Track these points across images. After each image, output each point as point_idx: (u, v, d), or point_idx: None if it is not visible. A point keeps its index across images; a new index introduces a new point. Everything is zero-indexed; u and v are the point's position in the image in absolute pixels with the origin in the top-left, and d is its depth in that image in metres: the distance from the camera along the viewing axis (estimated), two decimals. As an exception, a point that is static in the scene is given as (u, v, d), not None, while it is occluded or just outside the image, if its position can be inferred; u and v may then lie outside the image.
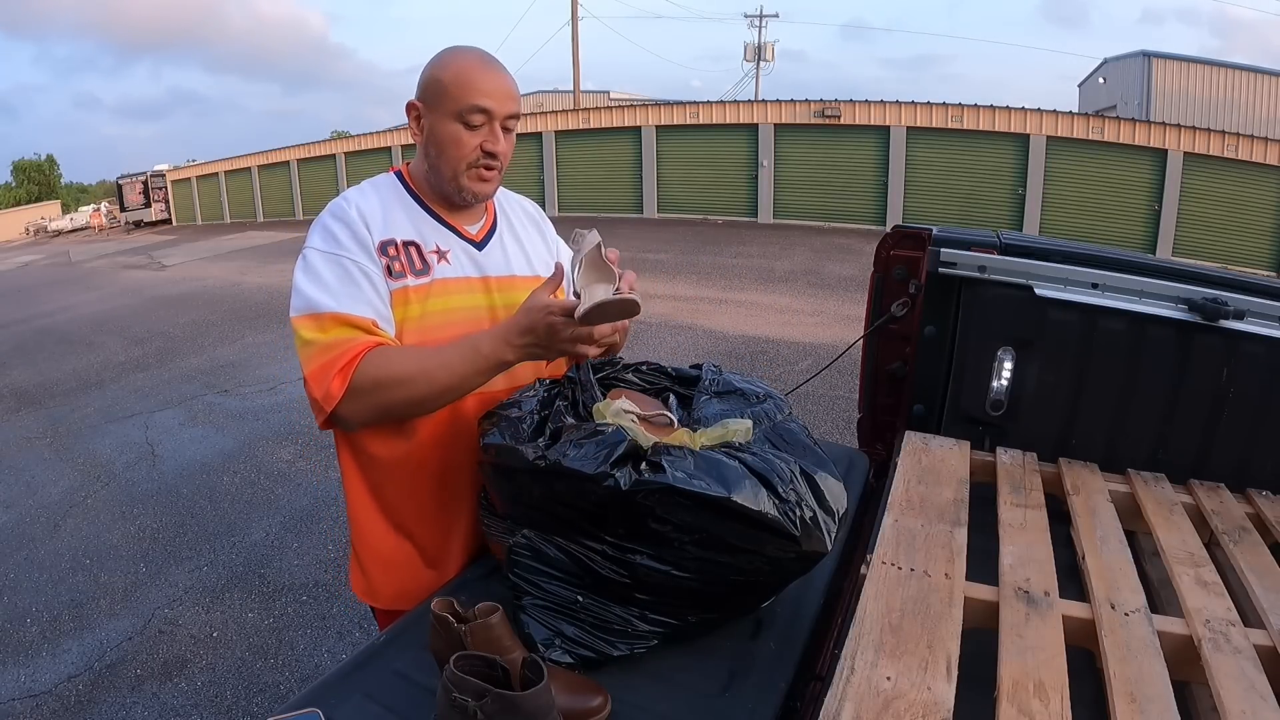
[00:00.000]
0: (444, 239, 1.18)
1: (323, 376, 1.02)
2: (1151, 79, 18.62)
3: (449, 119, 1.11)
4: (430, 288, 1.14)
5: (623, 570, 0.94)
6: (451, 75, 1.10)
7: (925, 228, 1.72)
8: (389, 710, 0.87)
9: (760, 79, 26.54)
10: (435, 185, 1.17)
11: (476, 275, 1.19)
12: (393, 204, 1.17)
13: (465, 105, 1.10)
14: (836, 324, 6.91)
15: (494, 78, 1.12)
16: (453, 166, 1.13)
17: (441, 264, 1.16)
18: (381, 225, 1.13)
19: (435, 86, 1.11)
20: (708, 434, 0.99)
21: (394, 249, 1.13)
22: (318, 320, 1.05)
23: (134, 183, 24.89)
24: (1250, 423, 1.49)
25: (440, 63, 1.13)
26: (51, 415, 5.49)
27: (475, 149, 1.12)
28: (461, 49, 1.15)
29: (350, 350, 1.03)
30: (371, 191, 1.18)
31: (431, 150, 1.14)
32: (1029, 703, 0.83)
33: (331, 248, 1.10)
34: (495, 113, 1.12)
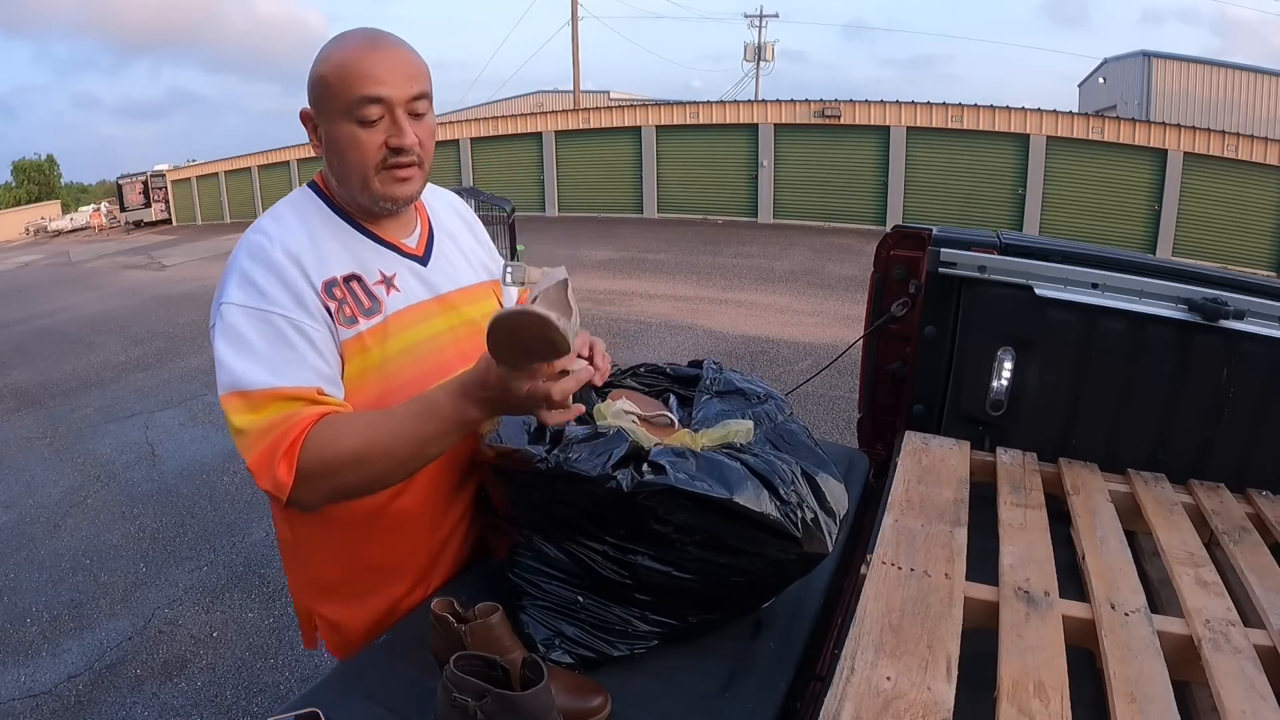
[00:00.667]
0: (386, 262, 1.02)
1: (267, 465, 0.86)
2: (1151, 79, 18.61)
3: (341, 120, 0.94)
4: (386, 326, 0.99)
5: (623, 571, 0.94)
6: (333, 69, 0.93)
7: (925, 228, 1.72)
8: (389, 710, 0.87)
9: (760, 79, 26.55)
10: (348, 197, 1.00)
11: (430, 297, 1.05)
12: (320, 229, 0.99)
13: (353, 99, 0.92)
14: (836, 324, 6.91)
15: (383, 58, 0.93)
16: (359, 174, 0.96)
17: (392, 294, 1.00)
18: (316, 261, 0.96)
19: (319, 86, 0.94)
20: (709, 434, 0.99)
21: (339, 289, 0.96)
22: (248, 399, 0.88)
23: (134, 183, 24.89)
24: (1250, 423, 1.49)
25: (322, 58, 0.95)
26: (51, 415, 5.49)
27: (379, 148, 0.95)
28: (344, 35, 0.97)
29: (291, 429, 0.86)
30: (292, 217, 0.99)
31: (333, 160, 0.97)
32: (1029, 703, 0.83)
33: (254, 301, 0.91)
34: (393, 100, 0.93)
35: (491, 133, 17.96)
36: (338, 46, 0.95)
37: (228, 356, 0.89)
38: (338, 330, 0.95)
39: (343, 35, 0.97)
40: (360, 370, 0.97)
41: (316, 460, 0.86)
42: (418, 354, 1.02)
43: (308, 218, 1.00)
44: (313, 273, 0.95)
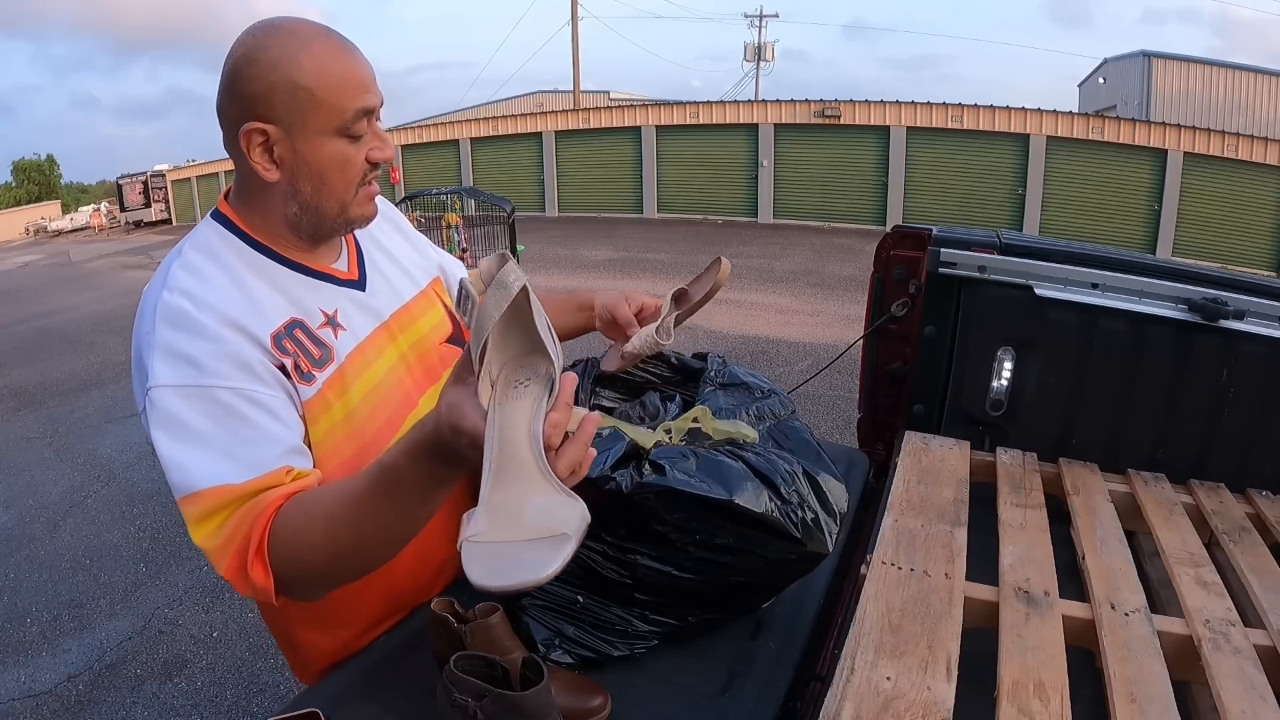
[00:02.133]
0: (324, 298, 0.89)
1: (241, 576, 0.74)
2: (1151, 79, 18.62)
3: (328, 137, 0.81)
4: (343, 374, 0.87)
5: (623, 571, 0.94)
6: (315, 75, 0.78)
7: (925, 228, 1.72)
8: (389, 710, 0.87)
9: (760, 79, 26.56)
10: (307, 227, 0.86)
11: (376, 325, 0.93)
12: (244, 273, 0.84)
13: (350, 114, 0.80)
14: (836, 324, 6.91)
15: (361, 61, 0.83)
16: (340, 197, 0.84)
17: (340, 335, 0.89)
18: (251, 313, 0.81)
19: (295, 97, 0.78)
20: (718, 424, 0.99)
21: (288, 342, 0.83)
22: (203, 501, 0.74)
23: (134, 183, 24.87)
24: (1250, 423, 1.49)
25: (288, 60, 0.78)
26: (51, 415, 5.49)
27: (362, 165, 0.84)
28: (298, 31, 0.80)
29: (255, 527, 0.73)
30: (208, 265, 0.82)
31: (304, 185, 0.83)
32: (1029, 703, 0.83)
33: (189, 378, 0.76)
34: (376, 105, 0.84)
35: (491, 133, 17.97)
36: (305, 48, 0.79)
37: (173, 453, 0.75)
38: (299, 389, 0.82)
39: (290, 31, 0.80)
40: (327, 431, 0.85)
41: (286, 557, 0.73)
42: (381, 395, 0.91)
43: (225, 262, 0.84)
44: (254, 329, 0.80)
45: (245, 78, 0.79)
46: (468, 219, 9.02)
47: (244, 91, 0.79)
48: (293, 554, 0.73)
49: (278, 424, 0.79)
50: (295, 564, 0.73)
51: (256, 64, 0.78)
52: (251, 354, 0.79)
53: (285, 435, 0.79)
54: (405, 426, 0.93)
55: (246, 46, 0.79)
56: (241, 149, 0.80)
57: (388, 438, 0.89)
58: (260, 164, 0.81)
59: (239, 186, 0.87)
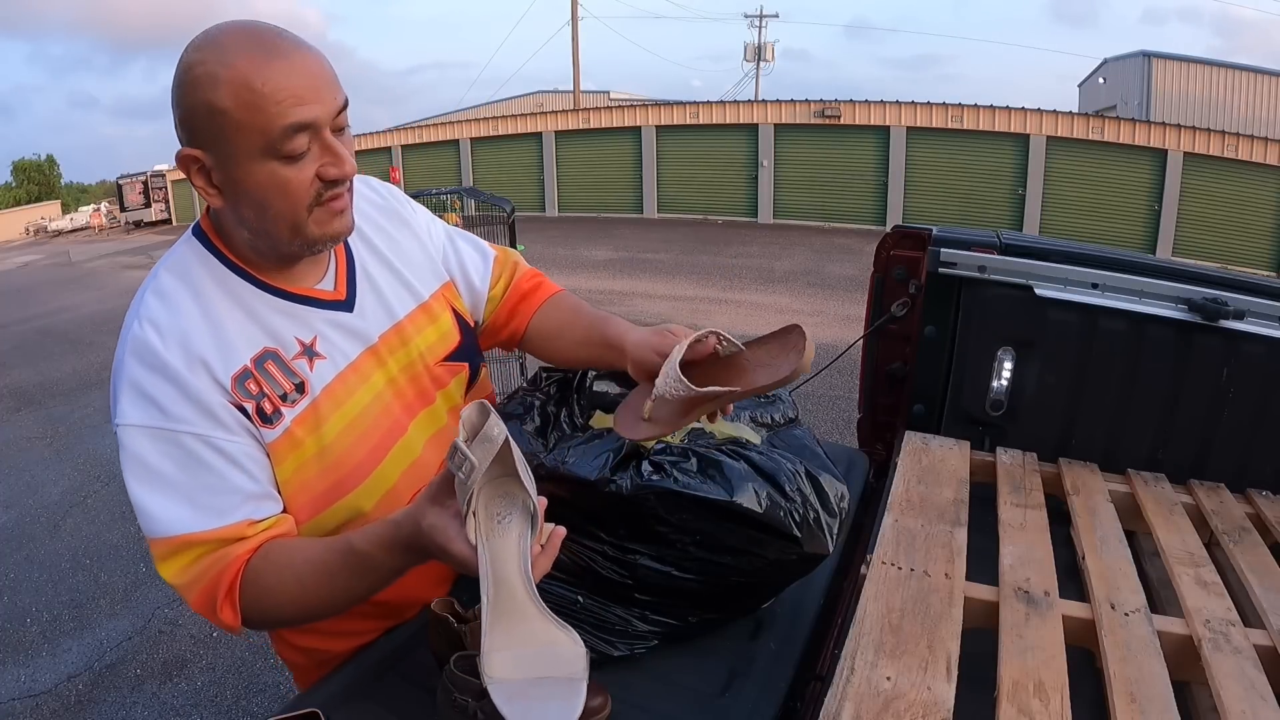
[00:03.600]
0: (301, 325, 0.84)
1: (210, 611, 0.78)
2: (1151, 79, 18.62)
3: (256, 160, 0.73)
4: (317, 409, 0.83)
5: (623, 571, 0.94)
6: (230, 97, 0.70)
7: (925, 228, 1.72)
8: (389, 710, 0.87)
9: (760, 79, 26.56)
10: (266, 249, 0.81)
11: (362, 349, 0.89)
12: (216, 301, 0.80)
13: (276, 133, 0.71)
14: (836, 324, 6.91)
15: (295, 68, 0.72)
16: (287, 221, 0.77)
17: (316, 365, 0.84)
18: (217, 349, 0.78)
19: (214, 121, 0.71)
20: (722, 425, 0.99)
21: (252, 382, 0.79)
22: (171, 545, 0.76)
23: (134, 183, 24.87)
24: (1250, 423, 1.49)
25: (205, 81, 0.70)
26: (51, 415, 5.49)
27: (311, 184, 0.76)
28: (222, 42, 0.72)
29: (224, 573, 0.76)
30: (181, 293, 0.79)
31: (248, 211, 0.77)
32: (1029, 703, 0.83)
33: (154, 420, 0.75)
34: (320, 121, 0.74)
35: (491, 133, 17.97)
36: (225, 59, 0.70)
37: (140, 495, 0.76)
38: (261, 432, 0.79)
39: (215, 45, 0.72)
40: (296, 468, 0.82)
41: (256, 609, 0.78)
42: (361, 428, 0.87)
43: (200, 288, 0.80)
44: (218, 369, 0.78)
45: (176, 100, 0.74)
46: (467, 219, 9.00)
47: (176, 115, 0.74)
48: (264, 606, 0.78)
49: (239, 472, 0.78)
50: (266, 613, 0.79)
51: (182, 85, 0.73)
52: (213, 398, 0.77)
53: (246, 484, 0.79)
54: (391, 454, 0.91)
55: (181, 63, 0.73)
56: (187, 174, 0.76)
57: (369, 469, 0.88)
58: (203, 189, 0.77)
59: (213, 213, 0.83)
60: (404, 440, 0.93)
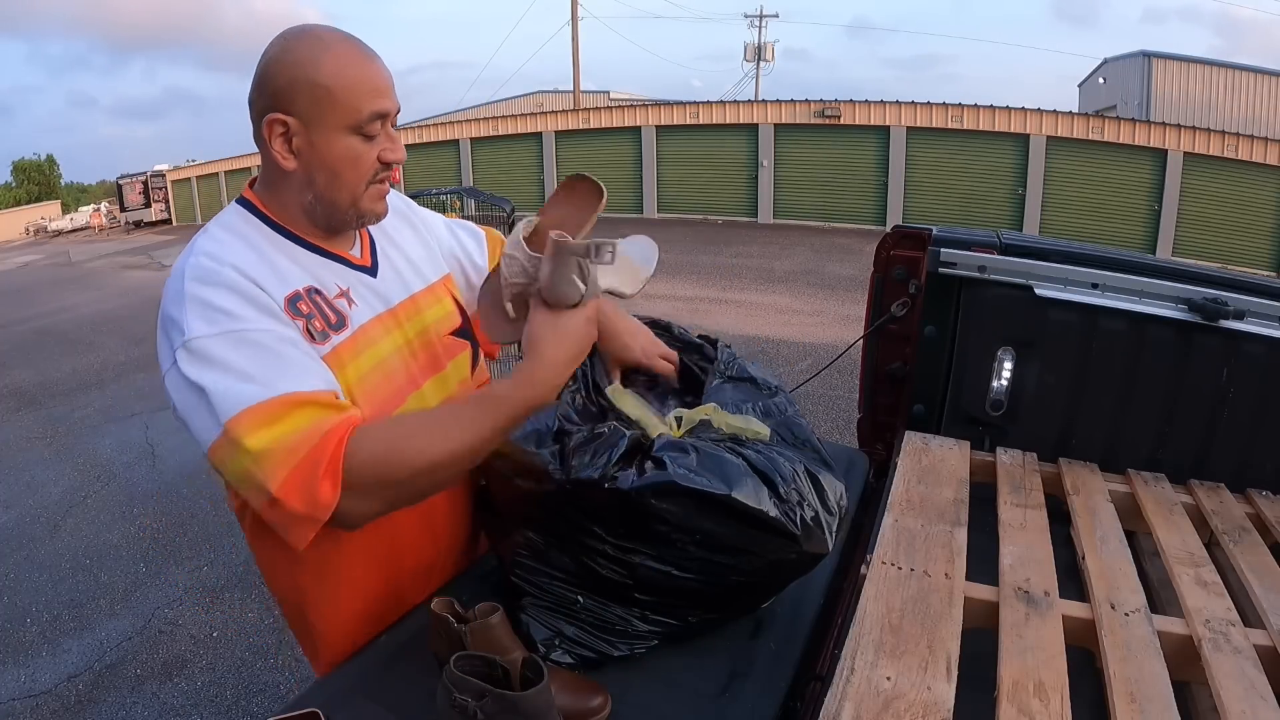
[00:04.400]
0: (339, 276, 0.95)
1: (304, 486, 0.78)
2: (1151, 79, 18.62)
3: (341, 133, 0.87)
4: (356, 341, 0.93)
5: (623, 570, 0.94)
6: (333, 77, 0.85)
7: (925, 228, 1.72)
8: (389, 710, 0.87)
9: (760, 79, 26.56)
10: (321, 216, 0.93)
11: (385, 309, 0.99)
12: (264, 245, 0.90)
13: (365, 114, 0.87)
14: (836, 324, 6.91)
15: (380, 67, 0.90)
16: (351, 191, 0.90)
17: (354, 307, 0.95)
18: (272, 276, 0.88)
19: (314, 93, 0.85)
20: (729, 419, 0.99)
21: (304, 304, 0.89)
22: (258, 415, 0.78)
23: (134, 183, 24.87)
24: (1250, 423, 1.49)
25: (310, 60, 0.85)
26: (51, 415, 5.49)
27: (374, 163, 0.90)
28: (324, 37, 0.88)
29: (328, 440, 0.79)
30: (230, 237, 0.90)
31: (318, 176, 0.89)
32: (1029, 703, 0.83)
33: (223, 325, 0.81)
34: (392, 113, 0.91)
35: (491, 133, 17.96)
36: (331, 53, 0.86)
37: (215, 384, 0.78)
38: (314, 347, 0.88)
39: (317, 35, 0.87)
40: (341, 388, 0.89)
41: (369, 471, 0.80)
42: (385, 371, 0.96)
43: (248, 236, 0.91)
44: (272, 289, 0.86)
45: (272, 74, 0.86)
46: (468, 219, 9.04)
47: (270, 86, 0.86)
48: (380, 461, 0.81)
49: (315, 362, 0.86)
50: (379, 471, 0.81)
51: (283, 62, 0.86)
52: (274, 307, 0.86)
53: (323, 370, 0.86)
54: (406, 403, 0.98)
55: (277, 46, 0.87)
56: (264, 138, 0.87)
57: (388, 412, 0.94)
58: (280, 153, 0.88)
59: (263, 175, 0.94)
60: (418, 393, 1.01)
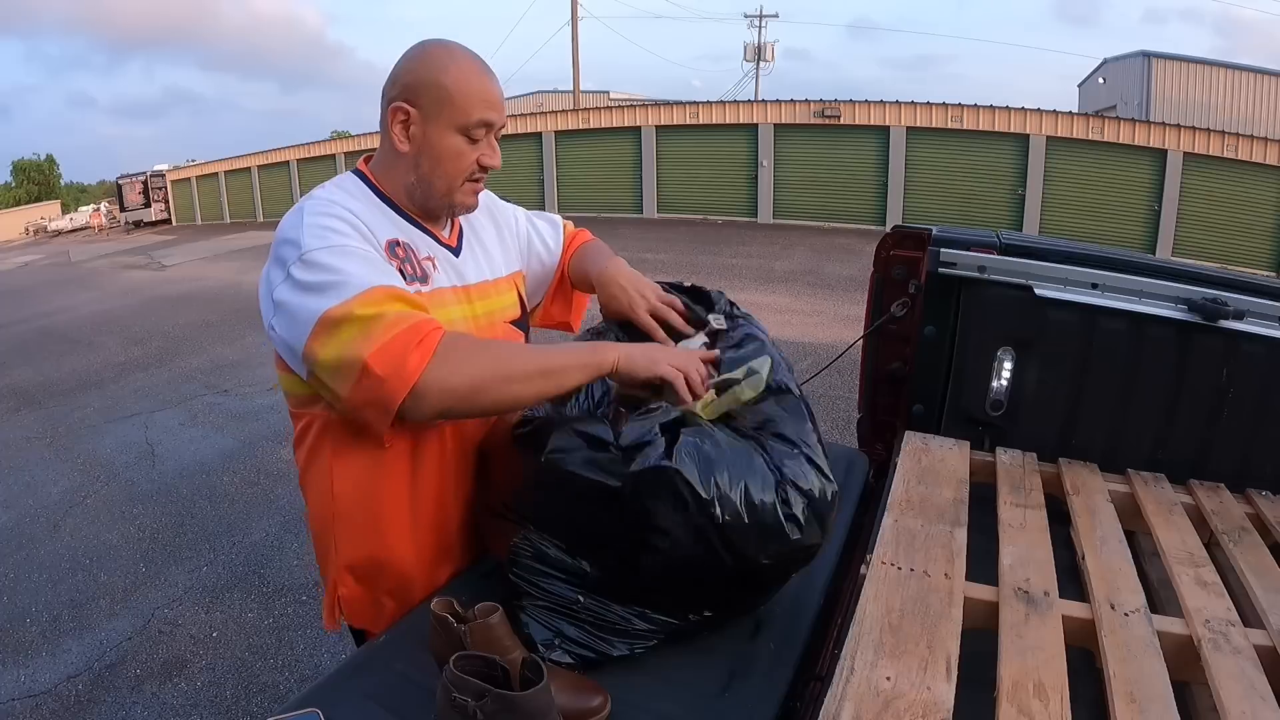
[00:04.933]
0: (428, 245, 1.10)
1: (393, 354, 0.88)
2: (1151, 79, 18.62)
3: (451, 131, 1.02)
4: (433, 298, 1.06)
5: (623, 569, 0.94)
6: (455, 81, 1.00)
7: (925, 228, 1.72)
8: (389, 710, 0.87)
9: (760, 79, 26.56)
10: (419, 197, 1.07)
11: (460, 284, 1.12)
12: (369, 206, 1.06)
13: (473, 119, 1.02)
14: (836, 324, 6.91)
15: (494, 85, 1.05)
16: (448, 181, 1.05)
17: (435, 272, 1.09)
18: (376, 224, 1.03)
19: (435, 93, 1.00)
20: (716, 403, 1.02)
21: (400, 249, 1.04)
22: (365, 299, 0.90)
23: (134, 183, 24.87)
24: (1250, 423, 1.49)
25: (439, 65, 1.01)
26: (51, 415, 5.49)
27: (473, 163, 1.05)
28: (455, 50, 1.04)
29: (426, 325, 0.90)
30: (342, 194, 1.05)
31: (424, 162, 1.04)
32: (1029, 703, 0.83)
33: (337, 241, 0.95)
34: (497, 126, 1.06)
35: (491, 133, 17.92)
36: (457, 62, 1.02)
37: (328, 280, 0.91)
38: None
39: (454, 49, 1.04)
40: None
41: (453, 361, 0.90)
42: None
43: (356, 196, 1.06)
44: (375, 231, 1.01)
45: (406, 70, 1.02)
46: (467, 219, 9.03)
47: (402, 80, 1.02)
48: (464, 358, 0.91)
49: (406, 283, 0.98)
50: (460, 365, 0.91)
51: (417, 62, 1.02)
52: (376, 244, 1.00)
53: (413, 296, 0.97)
54: None
55: (416, 49, 1.04)
56: (388, 122, 1.03)
57: None
58: (398, 137, 1.03)
59: (379, 154, 1.09)
60: None
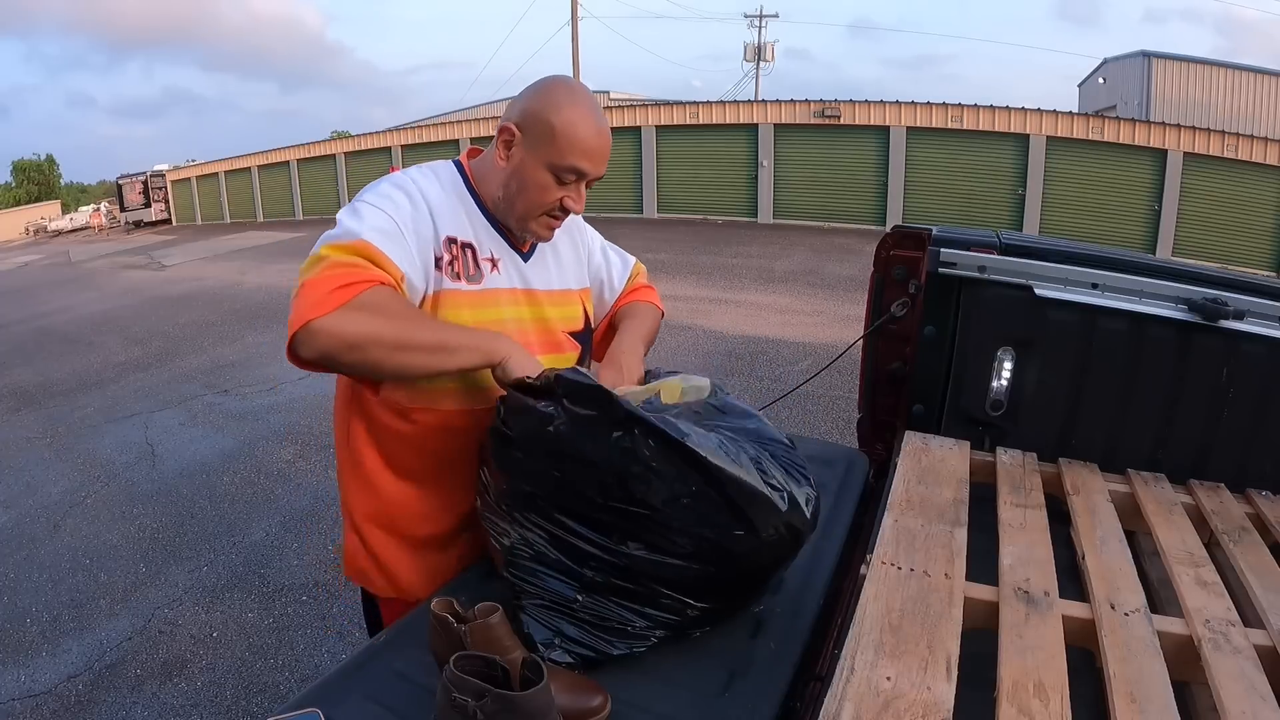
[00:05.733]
0: (497, 246, 1.16)
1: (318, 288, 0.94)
2: (1151, 79, 18.61)
3: (542, 166, 1.07)
4: (483, 296, 1.12)
5: (618, 563, 0.94)
6: (564, 124, 1.06)
7: (925, 228, 1.72)
8: (389, 710, 0.87)
9: (760, 79, 26.56)
10: (501, 210, 1.14)
11: (521, 287, 1.18)
12: (454, 199, 1.13)
13: (566, 164, 1.07)
14: (836, 324, 6.91)
15: (601, 139, 1.09)
16: (527, 209, 1.11)
17: (493, 273, 1.14)
18: (446, 218, 1.10)
19: (542, 127, 1.06)
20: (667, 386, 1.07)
21: (455, 247, 1.10)
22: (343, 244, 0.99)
23: (134, 183, 24.87)
24: (1250, 423, 1.49)
25: (554, 103, 1.07)
26: (51, 415, 5.49)
27: (555, 202, 1.10)
28: (579, 93, 1.10)
29: (365, 274, 0.96)
30: (434, 179, 1.13)
31: (512, 184, 1.11)
32: (1029, 703, 0.83)
33: (384, 206, 1.04)
34: (588, 175, 1.10)
35: (492, 133, 17.86)
36: (574, 104, 1.07)
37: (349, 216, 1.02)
38: (440, 279, 1.08)
39: (578, 92, 1.09)
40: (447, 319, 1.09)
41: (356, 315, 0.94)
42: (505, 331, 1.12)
43: (447, 186, 1.14)
44: (440, 223, 1.09)
45: (528, 97, 1.09)
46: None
47: (522, 105, 1.09)
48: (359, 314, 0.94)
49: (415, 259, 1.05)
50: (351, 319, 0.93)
51: (539, 92, 1.09)
52: (427, 232, 1.07)
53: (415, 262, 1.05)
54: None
55: (545, 82, 1.11)
56: (497, 136, 1.11)
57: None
58: (499, 152, 1.11)
59: (483, 157, 1.17)
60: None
